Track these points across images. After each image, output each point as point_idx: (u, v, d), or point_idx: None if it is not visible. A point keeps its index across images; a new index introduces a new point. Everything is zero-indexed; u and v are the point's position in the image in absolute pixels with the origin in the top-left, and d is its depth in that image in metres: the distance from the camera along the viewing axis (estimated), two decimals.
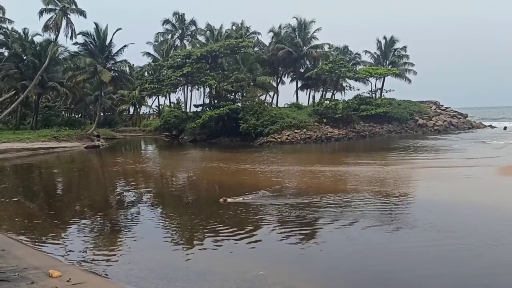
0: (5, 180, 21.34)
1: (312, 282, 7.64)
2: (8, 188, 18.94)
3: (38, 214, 13.44)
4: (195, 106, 55.12)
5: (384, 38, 59.55)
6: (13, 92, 48.79)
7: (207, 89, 53.09)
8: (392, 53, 59.61)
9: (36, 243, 9.84)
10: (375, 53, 60.21)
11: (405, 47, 59.37)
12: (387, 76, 55.83)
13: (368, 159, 25.76)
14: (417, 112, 54.45)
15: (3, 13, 45.72)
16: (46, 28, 45.40)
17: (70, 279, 6.96)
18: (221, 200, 13.82)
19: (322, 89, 59.66)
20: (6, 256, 8.16)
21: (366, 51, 60.69)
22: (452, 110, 59.12)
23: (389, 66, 58.01)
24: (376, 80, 56.16)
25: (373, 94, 55.50)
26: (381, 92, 56.97)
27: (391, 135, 48.78)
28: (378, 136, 47.76)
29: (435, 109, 57.60)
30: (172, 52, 60.09)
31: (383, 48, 59.64)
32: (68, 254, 9.02)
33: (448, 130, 53.83)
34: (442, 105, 59.45)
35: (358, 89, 53.98)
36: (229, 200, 13.79)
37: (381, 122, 49.89)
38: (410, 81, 59.69)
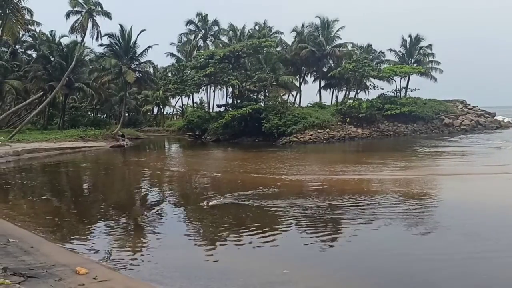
0: (34, 179, 21.84)
1: (337, 283, 7.56)
2: (37, 186, 19.38)
3: (65, 212, 13.70)
4: (218, 106, 55.49)
5: (409, 36, 58.65)
6: (41, 93, 49.90)
7: (230, 89, 53.31)
8: (417, 51, 58.60)
9: (64, 241, 10.03)
10: (399, 51, 59.36)
11: (430, 45, 58.33)
12: (412, 74, 54.97)
13: (389, 160, 25.39)
14: (443, 111, 53.41)
15: (31, 16, 46.79)
16: (72, 30, 46.29)
17: (96, 276, 7.06)
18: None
19: (345, 88, 59.14)
20: (34, 253, 8.33)
21: (390, 50, 59.95)
22: (479, 109, 57.75)
23: (414, 65, 57.09)
24: (401, 79, 55.36)
25: (398, 93, 54.75)
26: (406, 91, 56.14)
27: (416, 135, 48.02)
28: (403, 136, 47.07)
29: (461, 108, 56.38)
30: (195, 52, 60.50)
31: (408, 46, 58.71)
32: (94, 252, 9.15)
33: (475, 129, 52.61)
34: (469, 104, 58.15)
35: (382, 88, 53.38)
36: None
37: (406, 121, 49.14)
38: (435, 79, 58.68)
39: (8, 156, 30.18)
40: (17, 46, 54.52)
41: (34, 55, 55.02)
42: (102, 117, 73.58)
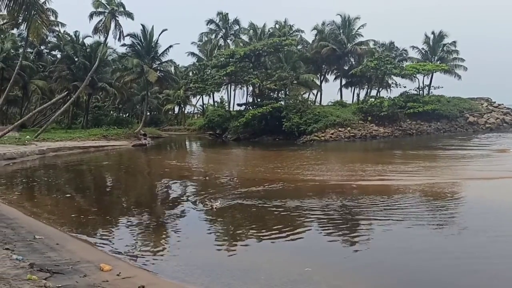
0: (59, 177, 22.27)
1: (358, 281, 7.50)
2: (61, 184, 19.76)
3: (89, 210, 13.91)
4: (239, 105, 55.69)
5: (433, 33, 57.66)
6: (65, 93, 50.89)
7: (250, 88, 53.39)
8: (440, 48, 57.55)
9: (88, 238, 10.19)
10: (422, 48, 58.42)
11: (454, 42, 57.23)
12: (435, 72, 54.00)
13: (409, 160, 25.02)
14: (467, 109, 52.44)
15: (56, 17, 47.73)
16: (96, 30, 47.11)
17: (120, 273, 7.16)
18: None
19: (367, 86, 58.51)
20: (60, 250, 8.49)
21: (413, 47, 59.06)
22: (505, 107, 56.55)
23: (438, 62, 56.11)
24: (424, 76, 54.47)
25: (421, 91, 53.88)
26: (429, 89, 55.22)
27: (439, 133, 47.25)
28: (426, 135, 46.40)
29: (486, 106, 55.29)
30: (216, 51, 60.75)
31: (431, 43, 57.71)
32: (117, 249, 9.27)
33: (500, 128, 51.54)
34: (494, 102, 57.02)
35: (405, 86, 52.56)
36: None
37: (429, 120, 48.42)
38: (460, 77, 57.47)
39: (34, 154, 30.86)
40: (42, 47, 55.72)
41: (59, 56, 56.14)
42: (124, 116, 74.69)
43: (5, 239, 8.56)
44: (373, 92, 56.70)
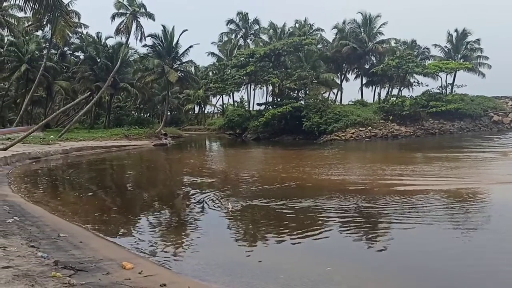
0: (82, 176, 22.67)
1: (380, 283, 7.42)
2: (84, 183, 20.10)
3: (111, 208, 14.11)
4: (258, 104, 55.86)
5: (456, 30, 56.82)
6: (88, 93, 51.77)
7: (270, 88, 53.42)
8: (464, 46, 56.58)
9: (110, 236, 10.33)
10: (445, 46, 57.54)
11: (478, 39, 56.22)
12: (458, 70, 53.09)
13: (430, 162, 24.59)
14: (491, 108, 51.42)
15: (79, 19, 48.54)
16: (117, 31, 47.78)
17: (141, 271, 7.22)
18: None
19: (388, 85, 57.93)
20: (83, 248, 8.62)
21: (435, 45, 58.24)
22: None
23: (461, 60, 55.11)
24: (447, 75, 53.60)
25: (444, 90, 53.03)
26: (452, 88, 54.31)
27: (463, 133, 46.39)
28: (449, 134, 45.64)
29: (511, 104, 54.04)
30: (235, 51, 60.99)
31: (454, 41, 56.81)
32: (139, 247, 9.37)
33: None
34: None
35: (427, 85, 51.92)
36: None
37: (452, 119, 47.62)
38: (484, 75, 56.41)
39: (58, 154, 31.48)
40: (65, 48, 56.73)
41: (82, 57, 57.14)
42: (145, 116, 75.56)
43: (31, 237, 8.74)
44: (395, 91, 56.20)
